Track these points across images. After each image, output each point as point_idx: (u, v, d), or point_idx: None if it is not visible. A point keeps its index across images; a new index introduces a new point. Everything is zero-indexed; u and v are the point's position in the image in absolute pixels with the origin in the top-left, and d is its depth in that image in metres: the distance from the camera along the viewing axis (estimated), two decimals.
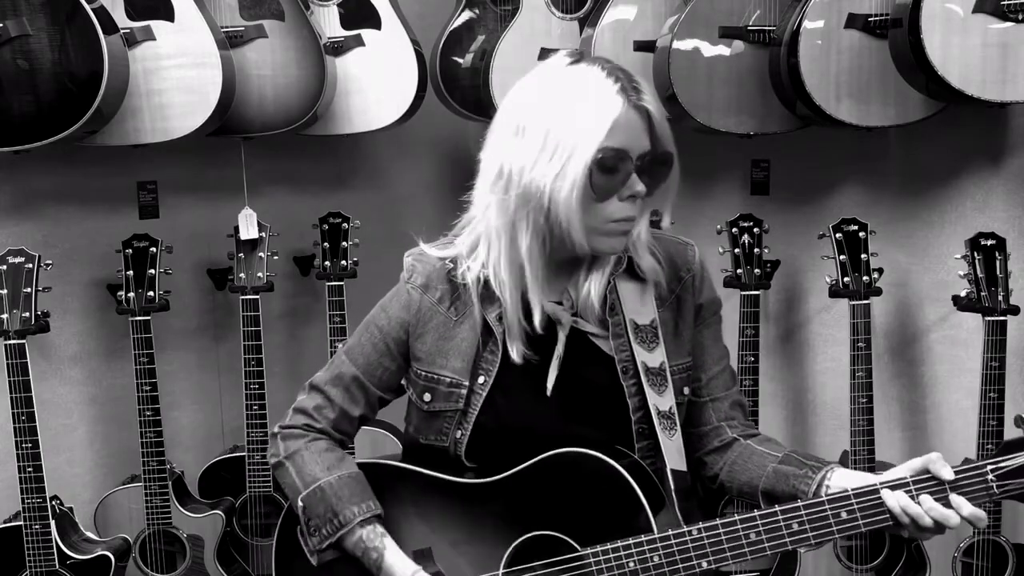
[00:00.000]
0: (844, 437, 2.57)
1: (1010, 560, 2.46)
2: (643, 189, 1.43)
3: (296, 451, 1.61)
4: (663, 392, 1.55)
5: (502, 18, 2.85)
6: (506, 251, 1.49)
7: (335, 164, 3.08)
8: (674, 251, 1.61)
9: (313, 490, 1.56)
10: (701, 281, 1.62)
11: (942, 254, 2.71)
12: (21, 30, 2.22)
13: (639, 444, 1.55)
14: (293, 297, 3.06)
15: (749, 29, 2.53)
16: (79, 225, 2.77)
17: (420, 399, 1.59)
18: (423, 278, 1.59)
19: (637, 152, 1.43)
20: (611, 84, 1.42)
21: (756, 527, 1.39)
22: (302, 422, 1.64)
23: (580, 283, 1.54)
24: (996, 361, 2.36)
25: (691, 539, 1.41)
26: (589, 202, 1.42)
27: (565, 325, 1.54)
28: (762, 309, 2.77)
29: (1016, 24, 2.22)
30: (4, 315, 2.38)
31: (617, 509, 1.45)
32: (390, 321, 1.60)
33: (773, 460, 1.54)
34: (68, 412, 2.81)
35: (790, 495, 1.48)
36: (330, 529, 1.55)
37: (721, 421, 1.62)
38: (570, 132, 1.40)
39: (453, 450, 1.57)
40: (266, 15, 2.60)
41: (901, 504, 1.36)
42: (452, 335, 1.57)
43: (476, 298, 1.54)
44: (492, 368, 1.55)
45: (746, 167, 2.89)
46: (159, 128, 2.46)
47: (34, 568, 2.42)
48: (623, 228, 1.46)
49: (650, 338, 1.56)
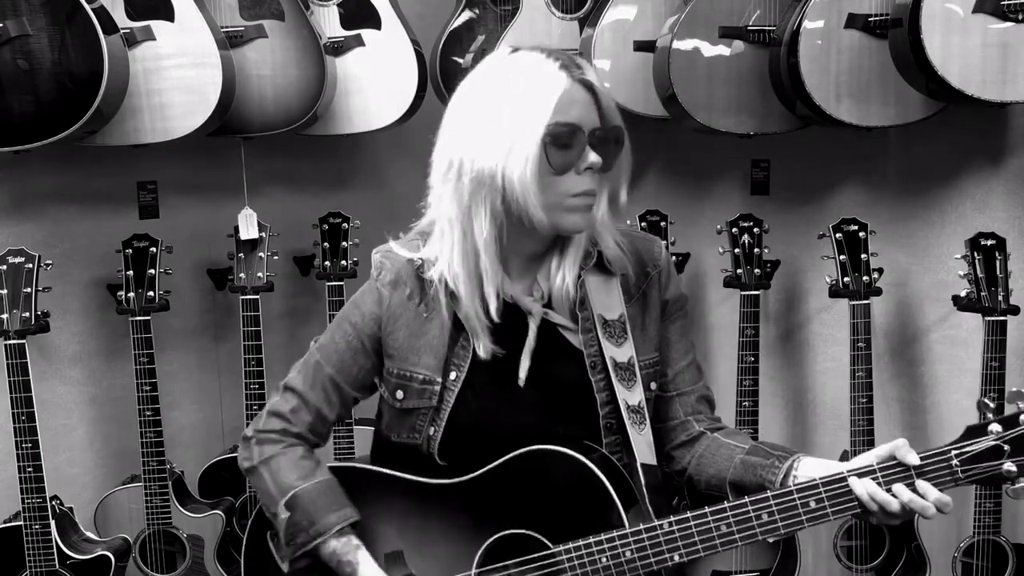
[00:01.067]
0: (844, 437, 2.57)
1: (1010, 560, 2.46)
2: (599, 160, 1.44)
3: (271, 456, 1.60)
4: (632, 387, 1.55)
5: (502, 18, 2.85)
6: (459, 242, 1.49)
7: (335, 164, 3.08)
8: (641, 247, 1.62)
9: (290, 497, 1.55)
10: (668, 277, 1.63)
11: (942, 254, 2.71)
12: (21, 30, 2.22)
13: (607, 439, 1.55)
14: (293, 297, 3.06)
15: (749, 29, 2.53)
16: (79, 225, 2.77)
17: (392, 396, 1.58)
18: (392, 275, 1.58)
19: (588, 127, 1.44)
20: (552, 62, 1.44)
21: (726, 519, 1.40)
22: (278, 426, 1.62)
23: (551, 275, 1.54)
24: (996, 361, 2.36)
25: (662, 532, 1.41)
26: (547, 178, 1.43)
27: (536, 316, 1.53)
28: (762, 309, 2.77)
29: (1016, 24, 2.22)
30: (4, 315, 2.38)
31: (588, 505, 1.45)
32: (363, 317, 1.59)
33: (740, 451, 1.55)
34: (68, 412, 2.81)
35: (758, 485, 1.48)
36: (305, 538, 1.54)
37: (688, 415, 1.63)
38: (518, 111, 1.42)
39: (426, 447, 1.56)
40: (266, 15, 2.60)
41: (869, 491, 1.37)
42: (423, 332, 1.56)
43: (443, 295, 1.53)
44: (464, 364, 1.54)
45: (746, 167, 2.89)
46: (159, 128, 2.46)
47: (34, 568, 2.42)
48: (585, 202, 1.46)
49: (618, 333, 1.56)
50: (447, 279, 1.52)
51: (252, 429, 1.64)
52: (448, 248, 1.51)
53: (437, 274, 1.53)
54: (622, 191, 1.53)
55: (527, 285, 1.56)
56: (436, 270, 1.53)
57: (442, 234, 1.52)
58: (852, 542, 2.58)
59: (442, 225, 1.52)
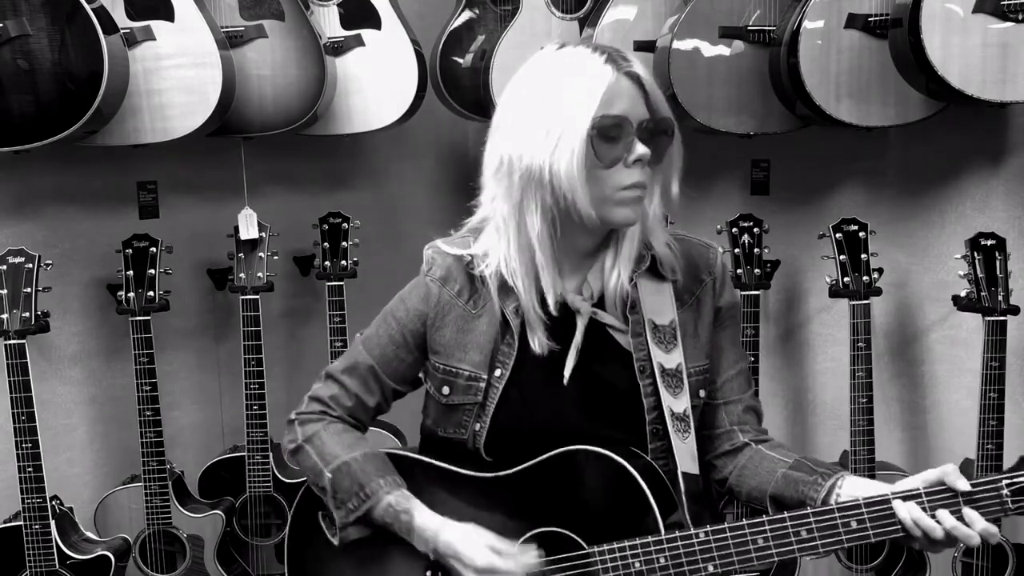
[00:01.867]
0: (844, 437, 2.56)
1: (1010, 560, 2.46)
2: (648, 152, 1.43)
3: (315, 434, 1.62)
4: (678, 394, 1.54)
5: (502, 18, 2.85)
6: (515, 238, 1.50)
7: (335, 164, 3.08)
8: (696, 252, 1.61)
9: (338, 466, 1.57)
10: (722, 284, 1.62)
11: (942, 254, 2.71)
12: (21, 30, 2.22)
13: (652, 445, 1.54)
14: (293, 297, 3.06)
15: (749, 29, 2.53)
16: (79, 225, 2.77)
17: (439, 392, 1.59)
18: (442, 271, 1.59)
19: (637, 119, 1.44)
20: (598, 57, 1.44)
21: (764, 532, 1.39)
22: (318, 409, 1.65)
23: (603, 274, 1.54)
24: (996, 361, 2.36)
25: (698, 542, 1.40)
26: (596, 171, 1.43)
27: (584, 315, 1.53)
28: (762, 309, 2.77)
29: (1016, 24, 2.22)
30: (4, 315, 2.38)
31: (625, 509, 1.45)
32: (408, 313, 1.61)
33: (783, 465, 1.54)
34: (68, 412, 2.81)
35: (799, 501, 1.47)
36: (357, 501, 1.55)
37: (733, 425, 1.62)
38: (564, 105, 1.42)
39: (472, 443, 1.57)
40: (266, 15, 2.60)
41: (913, 516, 1.35)
42: (471, 328, 1.57)
43: (494, 291, 1.54)
44: (508, 361, 1.55)
45: (746, 167, 2.89)
46: (159, 128, 2.46)
47: (34, 568, 2.42)
48: (634, 195, 1.45)
49: (668, 339, 1.55)
50: (503, 274, 1.52)
51: (294, 413, 1.67)
52: (504, 244, 1.52)
53: (492, 269, 1.53)
54: (674, 184, 1.52)
55: (578, 284, 1.55)
56: (490, 265, 1.54)
57: (497, 230, 1.53)
58: None
59: (496, 222, 1.52)
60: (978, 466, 2.36)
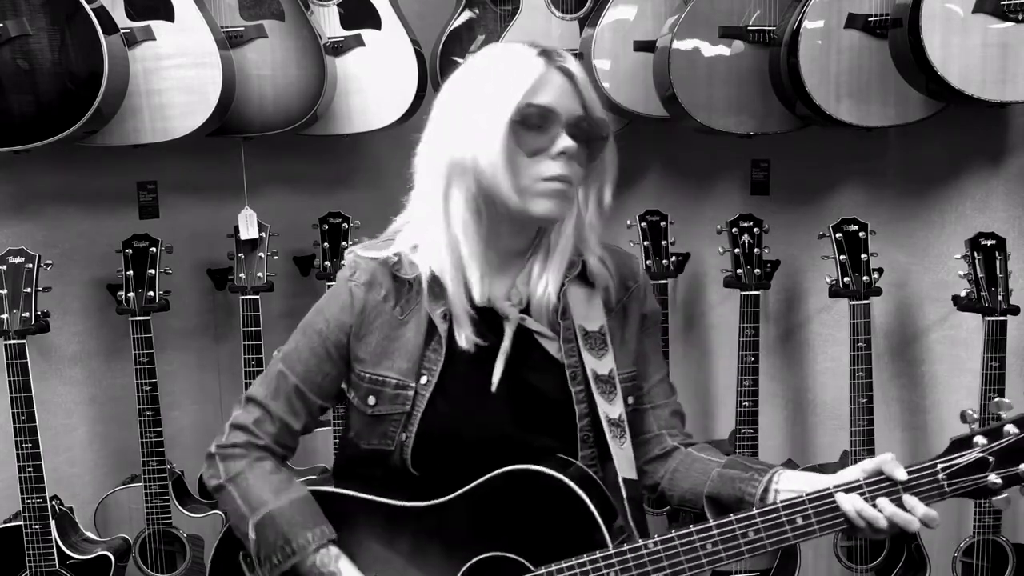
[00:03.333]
0: (844, 437, 2.57)
1: (1010, 560, 2.47)
2: (573, 145, 1.41)
3: (239, 473, 1.52)
4: (612, 399, 1.52)
5: (502, 18, 2.85)
6: (443, 231, 1.46)
7: (335, 164, 3.08)
8: (620, 261, 1.60)
9: (263, 516, 1.48)
10: (646, 291, 1.62)
11: (942, 254, 2.71)
12: (21, 30, 2.22)
13: (583, 452, 1.52)
14: (293, 297, 3.06)
15: (749, 29, 2.53)
16: (79, 225, 2.77)
17: (364, 402, 1.52)
18: (367, 275, 1.52)
19: (567, 113, 1.43)
20: (530, 49, 1.45)
21: (712, 537, 1.38)
22: (243, 439, 1.55)
23: (531, 280, 1.51)
24: (996, 361, 2.36)
25: (647, 552, 1.39)
26: (519, 159, 1.42)
27: (512, 321, 1.50)
28: (762, 309, 2.77)
29: (1016, 24, 2.22)
30: (4, 315, 2.38)
31: (570, 526, 1.41)
32: (328, 324, 1.53)
33: (716, 465, 1.53)
34: (68, 412, 2.81)
35: (736, 498, 1.46)
36: (282, 556, 1.47)
37: (662, 429, 1.61)
38: (490, 94, 1.42)
39: (399, 454, 1.50)
40: (266, 15, 2.60)
41: (856, 507, 1.35)
42: (397, 335, 1.51)
43: (424, 292, 1.49)
44: (435, 368, 1.49)
45: (746, 167, 2.89)
46: (159, 128, 2.46)
47: (34, 568, 2.42)
48: (556, 188, 1.42)
49: (599, 345, 1.54)
50: (432, 269, 1.49)
51: (215, 445, 1.57)
52: (431, 238, 1.48)
53: (422, 268, 1.49)
54: (606, 191, 1.50)
55: (507, 288, 1.52)
56: (420, 263, 1.50)
57: (423, 225, 1.50)
58: (852, 542, 2.58)
59: (424, 215, 1.50)
60: None
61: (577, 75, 1.44)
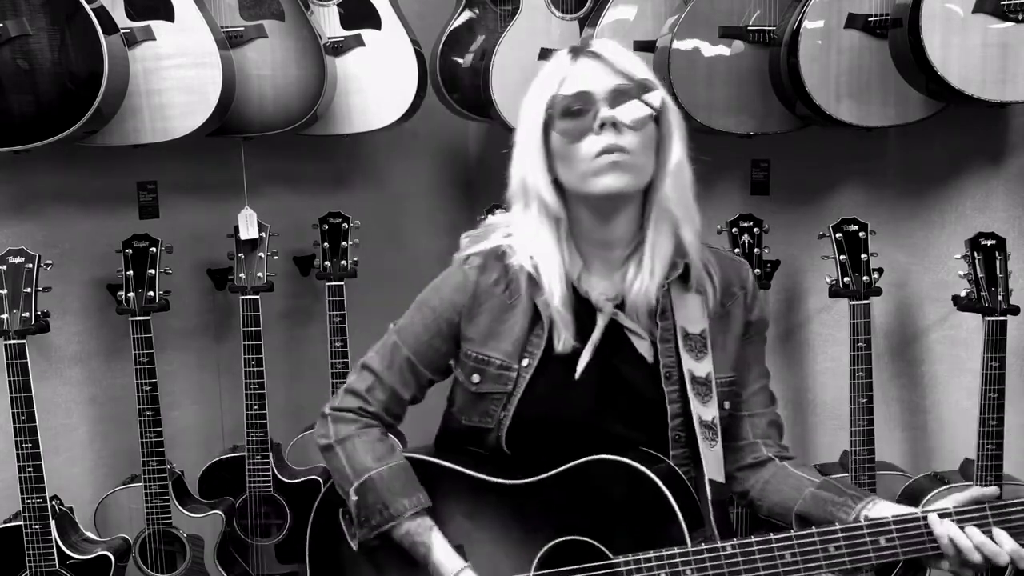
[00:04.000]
0: (844, 437, 2.56)
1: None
2: (611, 114, 1.44)
3: (347, 437, 1.61)
4: (707, 402, 1.55)
5: (502, 18, 2.85)
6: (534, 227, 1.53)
7: (335, 164, 3.08)
8: (728, 266, 1.63)
9: (364, 480, 1.57)
10: (753, 299, 1.64)
11: (942, 254, 2.71)
12: (21, 30, 2.22)
13: (674, 452, 1.55)
14: (293, 297, 3.06)
15: (749, 29, 2.52)
16: (79, 225, 2.77)
17: (468, 380, 1.59)
18: (480, 259, 1.59)
19: (602, 89, 1.45)
20: (564, 52, 1.52)
21: (792, 547, 1.38)
22: (355, 404, 1.64)
23: (629, 277, 1.54)
24: (996, 361, 2.36)
25: (724, 555, 1.40)
26: (568, 149, 1.46)
27: (605, 314, 1.54)
28: None
29: (1016, 24, 2.22)
30: (4, 315, 2.38)
31: (651, 519, 1.44)
32: (443, 302, 1.61)
33: (811, 485, 1.54)
34: (68, 412, 2.81)
35: (827, 521, 1.46)
36: (379, 520, 1.55)
37: (757, 438, 1.63)
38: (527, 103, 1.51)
39: (496, 432, 1.58)
40: (266, 15, 2.60)
41: (950, 534, 1.35)
42: (505, 318, 1.57)
43: (523, 283, 1.55)
44: (536, 352, 1.55)
45: (746, 167, 2.89)
46: (159, 128, 2.46)
47: (34, 568, 2.42)
48: (607, 160, 1.45)
49: (699, 347, 1.56)
50: (533, 259, 1.54)
51: (328, 407, 1.66)
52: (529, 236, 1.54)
53: (523, 257, 1.55)
54: (673, 151, 1.53)
55: (605, 283, 1.56)
56: (521, 252, 1.55)
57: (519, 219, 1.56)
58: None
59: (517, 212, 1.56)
60: (978, 466, 2.36)
61: (605, 53, 1.48)
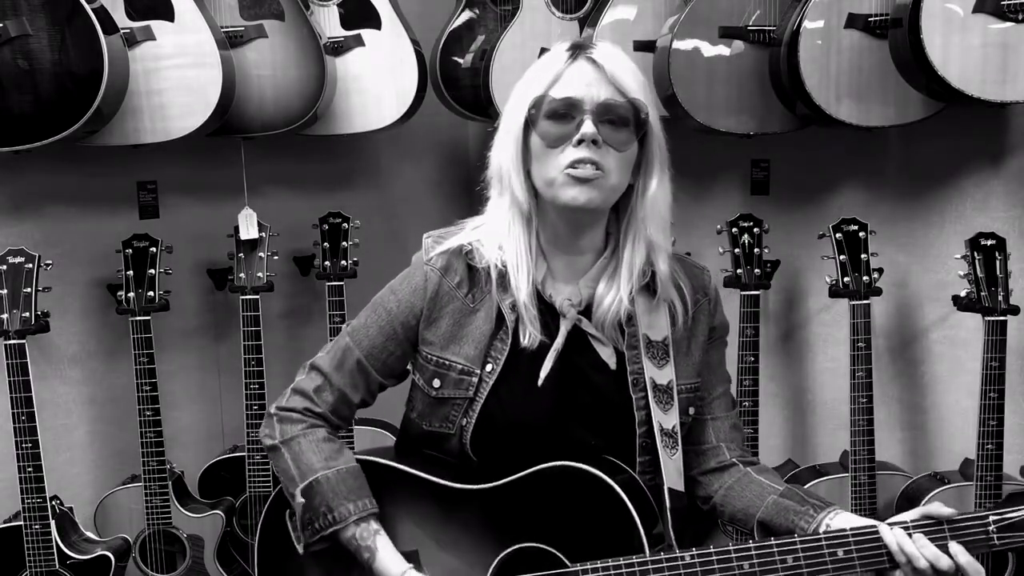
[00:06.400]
0: (844, 437, 2.56)
1: (1010, 560, 2.46)
2: (593, 131, 1.42)
3: (293, 437, 1.58)
4: (668, 410, 1.54)
5: (502, 18, 2.85)
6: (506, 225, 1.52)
7: (335, 164, 3.08)
8: (691, 273, 1.63)
9: (311, 482, 1.53)
10: (716, 304, 1.64)
11: (942, 254, 2.71)
12: (21, 30, 2.22)
13: (640, 458, 1.54)
14: (293, 297, 3.06)
15: (749, 29, 2.52)
16: (79, 225, 2.77)
17: (428, 385, 1.57)
18: (443, 260, 1.56)
19: (592, 101, 1.43)
20: (563, 48, 1.48)
21: (750, 558, 1.38)
22: (301, 405, 1.60)
23: (600, 290, 1.53)
24: (996, 361, 2.36)
25: (683, 564, 1.39)
26: (545, 151, 1.45)
27: (569, 320, 1.53)
28: (762, 309, 2.77)
29: (1016, 24, 2.22)
30: (4, 315, 2.38)
31: (610, 526, 1.43)
32: (400, 304, 1.58)
33: (774, 492, 1.54)
34: (68, 412, 2.81)
35: (787, 530, 1.46)
36: (323, 523, 1.52)
37: (720, 441, 1.62)
38: (516, 96, 1.49)
39: (459, 438, 1.55)
40: (266, 15, 2.60)
41: (898, 540, 1.36)
42: (467, 322, 1.55)
43: (494, 284, 1.53)
44: (500, 357, 1.53)
45: (746, 167, 2.89)
46: (159, 128, 2.46)
47: (34, 568, 2.42)
48: (577, 173, 1.43)
49: (661, 355, 1.55)
50: (501, 260, 1.52)
51: (275, 406, 1.63)
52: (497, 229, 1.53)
53: (492, 257, 1.53)
54: (651, 179, 1.50)
55: (570, 288, 1.55)
56: (489, 254, 1.54)
57: (492, 218, 1.55)
58: None
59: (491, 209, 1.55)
60: (978, 466, 2.36)
61: (605, 63, 1.45)
